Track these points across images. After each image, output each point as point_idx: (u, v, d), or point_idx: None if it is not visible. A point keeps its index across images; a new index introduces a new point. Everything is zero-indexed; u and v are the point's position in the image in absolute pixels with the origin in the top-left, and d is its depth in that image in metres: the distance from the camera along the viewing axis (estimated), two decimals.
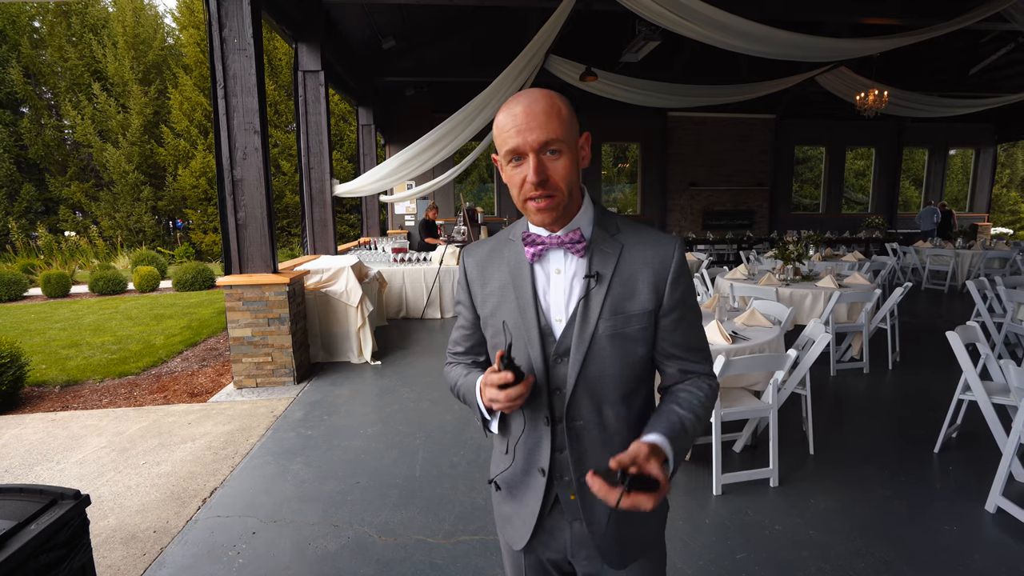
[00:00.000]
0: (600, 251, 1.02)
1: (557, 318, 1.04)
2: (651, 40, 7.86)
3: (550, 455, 1.06)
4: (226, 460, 3.39)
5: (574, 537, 1.10)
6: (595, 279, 1.01)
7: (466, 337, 1.20)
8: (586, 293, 1.01)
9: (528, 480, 1.10)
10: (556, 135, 0.93)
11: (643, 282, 1.02)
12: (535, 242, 1.03)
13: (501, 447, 1.16)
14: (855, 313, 4.84)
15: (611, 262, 1.02)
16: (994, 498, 2.69)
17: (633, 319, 1.02)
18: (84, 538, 1.58)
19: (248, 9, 4.46)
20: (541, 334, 1.03)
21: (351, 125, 17.27)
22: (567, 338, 1.02)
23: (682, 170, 13.90)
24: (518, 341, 1.04)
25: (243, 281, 4.66)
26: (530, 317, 1.03)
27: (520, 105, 0.94)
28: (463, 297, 1.17)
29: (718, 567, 2.33)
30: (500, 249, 1.11)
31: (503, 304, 1.08)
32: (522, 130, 0.93)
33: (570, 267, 1.04)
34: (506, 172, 1.00)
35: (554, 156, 0.95)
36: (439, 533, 2.59)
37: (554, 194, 0.96)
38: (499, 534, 1.23)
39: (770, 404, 2.95)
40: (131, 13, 17.98)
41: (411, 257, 7.83)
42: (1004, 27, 7.51)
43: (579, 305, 1.01)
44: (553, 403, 1.04)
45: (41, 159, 17.60)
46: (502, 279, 1.08)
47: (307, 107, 6.98)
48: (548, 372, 1.03)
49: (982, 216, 15.88)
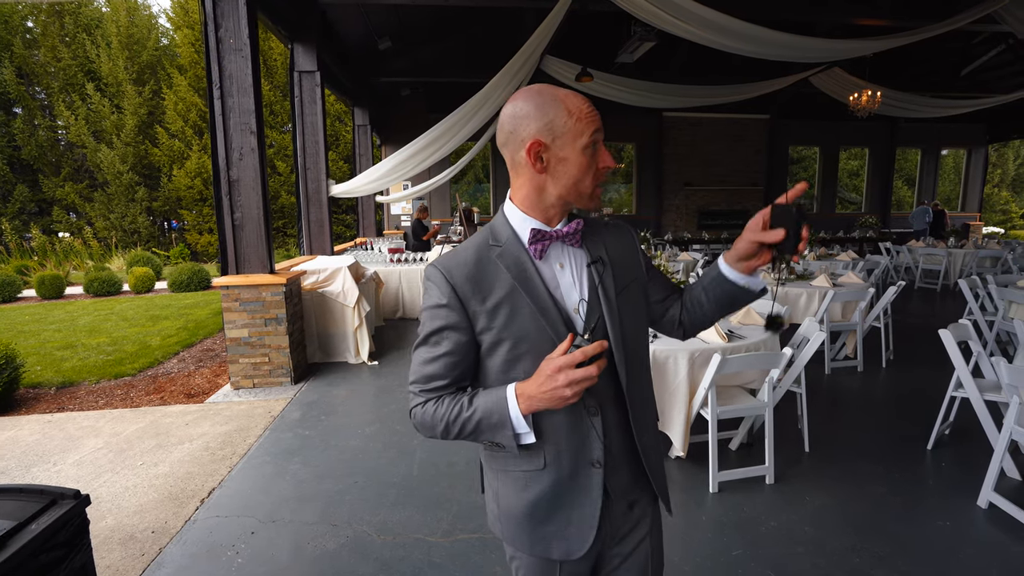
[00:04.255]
0: (590, 240, 1.10)
1: (574, 308, 1.05)
2: (646, 41, 7.89)
3: (603, 444, 1.06)
4: (224, 460, 3.39)
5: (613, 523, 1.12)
6: (601, 263, 1.08)
7: (453, 366, 1.04)
8: (600, 278, 1.07)
9: (579, 481, 1.07)
10: None
11: (628, 257, 1.15)
12: (542, 238, 1.03)
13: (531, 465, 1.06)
14: (849, 312, 4.87)
15: (601, 248, 1.10)
16: (986, 494, 2.72)
17: (635, 289, 1.14)
18: (84, 538, 1.58)
19: (244, 9, 4.46)
20: (566, 327, 1.03)
21: (347, 125, 17.24)
22: (589, 325, 1.04)
23: (677, 170, 13.95)
24: (544, 342, 1.01)
25: (240, 282, 4.66)
26: (553, 314, 1.02)
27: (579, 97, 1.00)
28: (452, 319, 1.02)
29: (715, 563, 2.35)
30: (488, 256, 1.03)
31: (517, 311, 1.02)
32: (597, 118, 1.00)
33: (570, 259, 1.08)
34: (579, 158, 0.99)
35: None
36: (437, 532, 2.60)
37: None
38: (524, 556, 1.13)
39: (766, 402, 2.97)
40: (125, 13, 17.89)
41: (407, 257, 7.83)
42: (995, 28, 7.58)
43: (598, 291, 1.06)
44: (592, 391, 1.01)
45: (34, 160, 17.49)
46: (506, 287, 1.02)
47: (303, 107, 6.97)
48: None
49: (974, 215, 15.99)
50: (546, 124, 0.97)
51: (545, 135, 0.97)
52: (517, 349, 1.02)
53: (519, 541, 1.11)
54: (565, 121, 0.96)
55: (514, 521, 1.10)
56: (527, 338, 1.01)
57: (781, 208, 0.93)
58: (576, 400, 0.92)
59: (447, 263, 1.04)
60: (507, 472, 1.10)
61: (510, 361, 1.03)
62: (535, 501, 1.07)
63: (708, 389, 2.83)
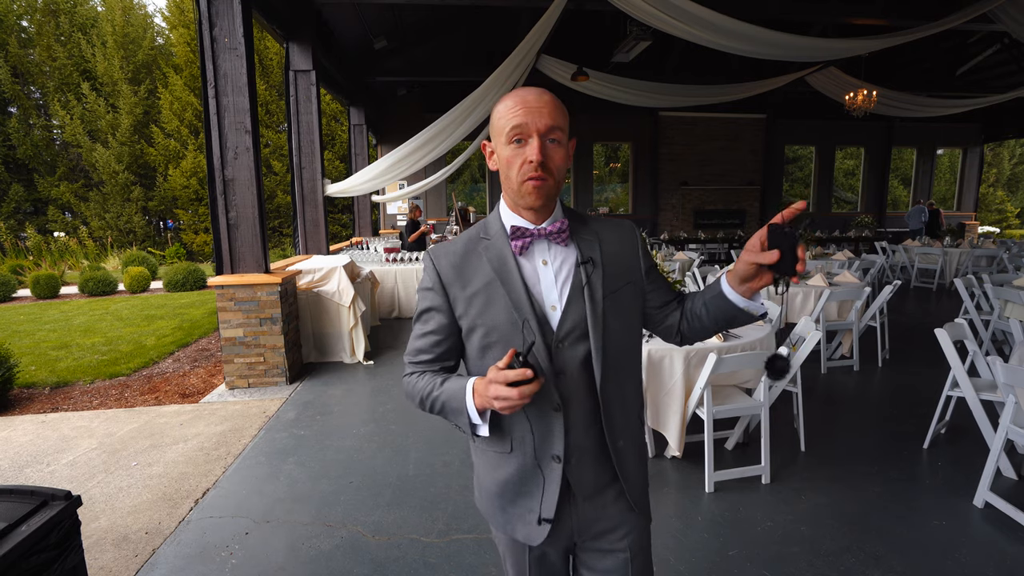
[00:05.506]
0: (583, 240, 1.11)
1: (552, 306, 1.08)
2: (642, 40, 7.90)
3: (564, 440, 1.07)
4: (218, 461, 3.38)
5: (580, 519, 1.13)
6: (591, 264, 1.09)
7: (436, 344, 1.14)
8: (588, 278, 1.08)
9: (541, 471, 1.10)
10: (560, 124, 1.01)
11: (625, 258, 1.14)
12: (523, 235, 1.07)
13: (500, 447, 1.13)
14: (845, 311, 4.88)
15: (595, 248, 1.11)
16: (982, 493, 2.72)
17: (628, 292, 1.12)
18: (76, 539, 1.57)
19: (239, 8, 4.44)
20: (539, 323, 1.05)
21: (343, 125, 17.20)
22: (568, 322, 1.06)
23: (673, 170, 13.96)
24: (514, 334, 1.05)
25: (235, 281, 4.64)
26: (526, 309, 1.05)
27: (531, 93, 1.02)
28: (436, 302, 1.12)
29: (710, 563, 2.34)
30: (475, 248, 1.11)
31: (492, 302, 1.07)
32: (532, 112, 0.99)
33: (556, 257, 1.10)
34: (504, 153, 1.03)
35: (554, 144, 1.01)
36: (432, 532, 2.59)
37: (548, 178, 1.02)
38: (500, 534, 1.22)
39: (761, 402, 2.97)
40: (120, 12, 17.84)
41: (403, 257, 7.81)
42: (990, 28, 7.60)
43: (584, 290, 1.07)
44: (560, 388, 1.06)
45: (29, 159, 17.41)
46: (485, 277, 1.08)
47: (298, 107, 6.95)
48: (551, 359, 1.06)
49: (969, 215, 16.06)
50: (492, 124, 1.06)
51: (491, 134, 1.07)
52: (489, 337, 1.08)
53: (493, 519, 1.19)
54: (498, 119, 1.03)
55: (488, 498, 1.19)
56: (498, 328, 1.07)
57: (776, 228, 0.93)
58: (511, 412, 0.96)
59: (438, 251, 1.15)
60: (483, 452, 1.18)
61: (483, 347, 1.10)
62: (504, 481, 1.14)
63: (704, 388, 2.83)
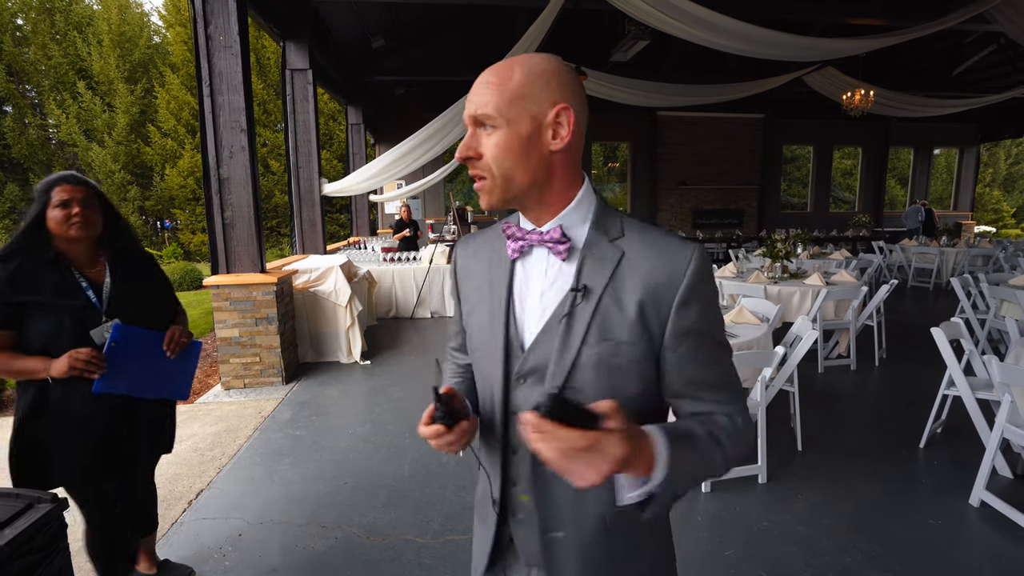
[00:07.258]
0: (593, 258, 0.82)
1: (530, 331, 0.86)
2: (640, 40, 7.89)
3: (501, 488, 0.92)
4: (213, 461, 3.35)
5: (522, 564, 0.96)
6: (582, 293, 0.81)
7: (458, 332, 1.07)
8: (570, 310, 0.81)
9: (486, 507, 0.98)
10: (486, 109, 0.78)
11: (641, 302, 0.80)
12: (516, 236, 0.87)
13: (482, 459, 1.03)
14: (842, 310, 4.88)
15: (605, 273, 0.81)
16: (978, 492, 2.72)
17: (624, 348, 0.80)
18: (62, 542, 1.55)
19: (234, 6, 4.41)
20: (507, 347, 0.87)
21: (340, 124, 17.18)
22: (533, 357, 0.85)
23: (672, 169, 13.96)
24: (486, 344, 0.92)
25: (230, 281, 4.61)
26: (498, 326, 0.88)
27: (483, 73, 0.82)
28: (455, 290, 1.04)
29: (707, 563, 2.33)
30: (491, 242, 0.96)
31: (478, 306, 0.94)
32: (471, 102, 0.81)
33: (552, 272, 0.86)
34: None
35: (488, 132, 0.80)
36: (428, 533, 2.57)
37: (483, 175, 0.81)
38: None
39: (758, 401, 2.96)
40: (116, 11, 17.79)
41: (401, 256, 7.79)
42: (987, 28, 7.61)
43: (562, 323, 0.82)
44: (509, 430, 0.89)
45: (25, 158, 17.36)
46: (481, 276, 0.94)
47: (295, 106, 6.92)
48: (508, 393, 0.88)
49: (966, 215, 16.09)
50: None
51: None
52: (472, 341, 0.96)
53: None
54: None
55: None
56: (474, 337, 0.95)
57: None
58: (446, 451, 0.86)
59: (467, 239, 1.03)
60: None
61: (471, 349, 0.98)
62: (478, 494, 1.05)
63: None
